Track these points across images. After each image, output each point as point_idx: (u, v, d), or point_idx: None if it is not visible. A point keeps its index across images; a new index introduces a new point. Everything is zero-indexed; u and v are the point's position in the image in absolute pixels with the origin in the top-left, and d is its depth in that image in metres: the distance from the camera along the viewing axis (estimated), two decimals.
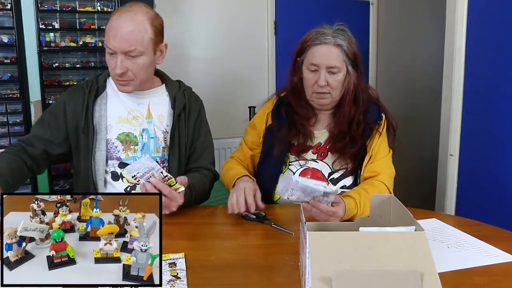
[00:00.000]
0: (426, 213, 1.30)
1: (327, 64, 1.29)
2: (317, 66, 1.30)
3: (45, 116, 1.40)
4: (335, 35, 1.30)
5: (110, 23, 1.25)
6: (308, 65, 1.32)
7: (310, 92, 1.35)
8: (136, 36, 1.24)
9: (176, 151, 1.39)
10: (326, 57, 1.29)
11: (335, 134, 1.38)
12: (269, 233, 1.14)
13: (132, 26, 1.23)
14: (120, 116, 1.37)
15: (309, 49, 1.32)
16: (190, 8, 2.84)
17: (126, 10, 1.26)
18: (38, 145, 1.34)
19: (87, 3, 2.22)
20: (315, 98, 1.35)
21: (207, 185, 1.42)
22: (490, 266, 0.94)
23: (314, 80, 1.31)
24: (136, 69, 1.29)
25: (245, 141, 1.51)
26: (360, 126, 1.35)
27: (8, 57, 2.12)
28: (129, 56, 1.25)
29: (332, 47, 1.29)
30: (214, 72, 2.92)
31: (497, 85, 1.82)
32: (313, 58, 1.30)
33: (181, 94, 1.43)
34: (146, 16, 1.27)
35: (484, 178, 1.90)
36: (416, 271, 0.69)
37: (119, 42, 1.23)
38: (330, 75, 1.30)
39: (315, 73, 1.31)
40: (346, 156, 1.36)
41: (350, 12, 3.30)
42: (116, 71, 1.26)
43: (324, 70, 1.30)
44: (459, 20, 1.96)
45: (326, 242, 0.73)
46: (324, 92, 1.33)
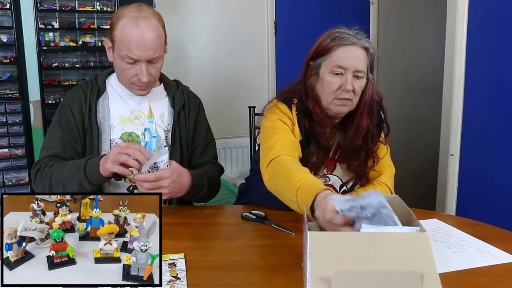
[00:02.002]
0: (427, 214, 1.30)
1: (355, 67, 1.17)
2: (344, 69, 1.17)
3: (56, 127, 1.35)
4: (359, 37, 1.19)
5: (126, 32, 1.22)
6: (333, 67, 1.18)
7: (331, 98, 1.20)
8: (157, 42, 1.25)
9: (178, 149, 1.39)
10: (355, 59, 1.17)
11: (348, 150, 1.27)
12: (269, 233, 1.14)
13: (153, 33, 1.23)
14: (122, 116, 1.37)
15: (334, 50, 1.18)
16: (190, 8, 2.84)
17: (139, 16, 1.23)
18: (67, 155, 1.32)
19: (87, 3, 2.22)
20: (335, 105, 1.21)
21: (216, 175, 1.45)
22: (491, 267, 0.94)
23: (338, 84, 1.18)
24: (156, 72, 1.31)
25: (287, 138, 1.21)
26: (374, 140, 1.27)
27: (7, 56, 2.12)
28: (152, 62, 1.27)
29: (360, 49, 1.18)
30: (214, 72, 2.92)
31: (497, 85, 1.81)
32: (340, 60, 1.17)
33: (180, 93, 1.44)
34: (156, 18, 1.27)
35: (485, 178, 1.90)
36: (416, 271, 0.68)
37: (144, 51, 1.22)
38: (355, 79, 1.18)
39: (339, 76, 1.18)
40: (358, 173, 1.29)
41: (350, 12, 3.29)
42: (143, 79, 1.26)
43: (351, 73, 1.17)
44: (460, 20, 1.96)
45: (326, 242, 0.73)
46: (348, 99, 1.19)
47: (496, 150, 1.83)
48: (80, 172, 1.22)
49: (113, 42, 1.27)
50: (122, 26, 1.23)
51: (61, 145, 1.32)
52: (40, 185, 1.28)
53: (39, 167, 1.29)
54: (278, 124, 1.23)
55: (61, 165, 1.27)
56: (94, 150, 1.32)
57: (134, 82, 1.30)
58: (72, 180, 1.23)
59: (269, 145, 1.18)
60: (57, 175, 1.25)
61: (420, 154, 3.16)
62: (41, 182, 1.27)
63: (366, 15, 3.44)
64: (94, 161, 1.21)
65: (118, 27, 1.24)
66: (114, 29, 1.25)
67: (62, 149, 1.32)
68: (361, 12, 3.41)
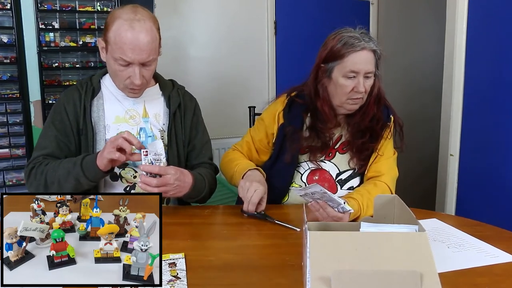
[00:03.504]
0: (427, 213, 1.30)
1: (366, 70, 1.27)
2: (357, 73, 1.27)
3: (50, 127, 1.35)
4: (367, 40, 1.27)
5: (121, 35, 1.21)
6: (346, 72, 1.28)
7: (344, 99, 1.31)
8: (152, 45, 1.24)
9: (174, 149, 1.40)
10: (366, 63, 1.27)
11: (354, 132, 1.37)
12: (269, 233, 1.14)
13: (148, 36, 1.22)
14: (117, 116, 1.37)
15: (347, 55, 1.27)
16: (190, 8, 2.84)
17: (135, 20, 1.22)
18: (61, 154, 1.32)
19: (87, 3, 2.22)
20: (348, 104, 1.32)
21: (213, 174, 1.46)
22: (490, 266, 0.94)
23: (351, 87, 1.28)
24: (149, 75, 1.30)
25: (253, 139, 1.48)
26: (379, 122, 1.36)
27: (8, 57, 2.12)
28: (145, 64, 1.26)
29: (369, 52, 1.27)
30: (214, 72, 2.92)
31: (497, 85, 1.82)
32: (353, 65, 1.26)
33: (175, 93, 1.44)
34: (151, 21, 1.26)
35: (485, 178, 1.90)
36: (416, 271, 0.68)
37: (138, 54, 1.22)
38: (366, 80, 1.29)
39: (352, 79, 1.28)
40: (364, 154, 1.36)
41: (350, 12, 3.29)
42: (136, 82, 1.26)
43: (362, 76, 1.27)
44: (459, 20, 1.96)
45: (326, 242, 0.73)
46: (359, 98, 1.31)
47: (495, 150, 1.83)
48: (76, 168, 1.22)
49: (107, 43, 1.26)
50: (117, 28, 1.22)
51: (55, 145, 1.32)
52: (34, 184, 1.28)
53: (33, 165, 1.29)
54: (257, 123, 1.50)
55: (56, 162, 1.27)
56: (89, 150, 1.32)
57: (127, 84, 1.29)
58: (68, 176, 1.22)
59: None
60: (52, 172, 1.25)
61: (419, 154, 3.16)
62: (36, 181, 1.27)
63: (366, 15, 3.45)
64: (91, 156, 1.22)
65: (112, 29, 1.23)
66: (108, 30, 1.24)
67: (56, 149, 1.32)
68: (361, 12, 3.41)
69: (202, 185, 1.32)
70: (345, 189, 1.37)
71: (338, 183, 1.37)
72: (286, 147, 1.37)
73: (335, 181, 1.37)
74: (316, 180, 1.37)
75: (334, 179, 1.37)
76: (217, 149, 2.83)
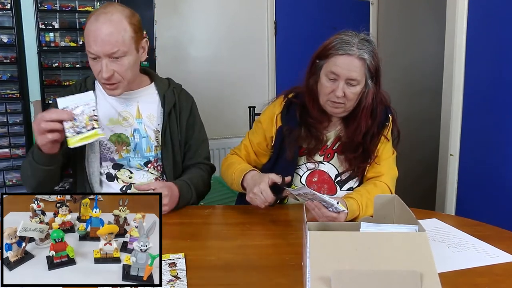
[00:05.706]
0: (427, 213, 1.30)
1: (347, 75, 1.24)
2: (337, 76, 1.25)
3: None
4: (360, 47, 1.25)
5: (88, 27, 1.23)
6: (327, 72, 1.27)
7: (325, 99, 1.31)
8: (117, 36, 1.22)
9: (169, 149, 1.39)
10: (348, 68, 1.24)
11: (347, 143, 1.35)
12: (269, 233, 1.14)
13: (111, 27, 1.21)
14: (111, 118, 1.37)
15: (331, 57, 1.26)
16: (190, 8, 2.84)
17: (102, 12, 1.23)
18: None
19: (87, 3, 2.22)
20: (328, 106, 1.31)
21: (205, 177, 1.46)
22: (490, 266, 0.94)
23: (331, 89, 1.27)
24: (122, 70, 1.27)
25: (251, 142, 1.47)
26: (374, 138, 1.34)
27: (8, 57, 2.12)
28: (113, 58, 1.24)
29: (355, 60, 1.24)
30: (214, 72, 2.92)
31: (497, 85, 1.82)
32: (334, 67, 1.25)
33: (170, 92, 1.43)
34: (123, 15, 1.25)
35: (484, 178, 1.90)
36: (416, 271, 0.68)
37: (101, 46, 1.21)
38: (348, 86, 1.26)
39: (333, 82, 1.27)
40: (354, 165, 1.35)
41: (350, 12, 3.30)
42: (103, 75, 1.24)
43: (343, 81, 1.25)
44: (459, 20, 1.96)
45: (326, 242, 0.73)
46: (339, 102, 1.28)
47: (495, 150, 1.83)
48: (29, 157, 1.26)
49: None
50: (87, 23, 1.24)
51: None
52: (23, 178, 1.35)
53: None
54: (255, 126, 1.50)
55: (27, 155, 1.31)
56: (82, 152, 1.32)
57: (99, 79, 1.29)
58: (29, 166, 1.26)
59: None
60: (23, 164, 1.31)
61: (419, 154, 3.16)
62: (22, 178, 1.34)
63: (366, 15, 3.45)
64: None
65: (86, 25, 1.25)
66: None
67: None
68: (361, 12, 3.42)
69: (189, 192, 1.33)
70: (344, 189, 1.36)
71: (338, 184, 1.36)
72: (285, 148, 1.37)
73: (334, 182, 1.36)
74: (315, 182, 1.36)
75: (333, 180, 1.37)
76: (217, 150, 2.83)
